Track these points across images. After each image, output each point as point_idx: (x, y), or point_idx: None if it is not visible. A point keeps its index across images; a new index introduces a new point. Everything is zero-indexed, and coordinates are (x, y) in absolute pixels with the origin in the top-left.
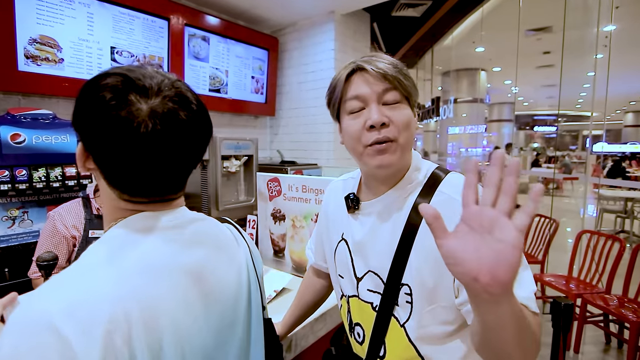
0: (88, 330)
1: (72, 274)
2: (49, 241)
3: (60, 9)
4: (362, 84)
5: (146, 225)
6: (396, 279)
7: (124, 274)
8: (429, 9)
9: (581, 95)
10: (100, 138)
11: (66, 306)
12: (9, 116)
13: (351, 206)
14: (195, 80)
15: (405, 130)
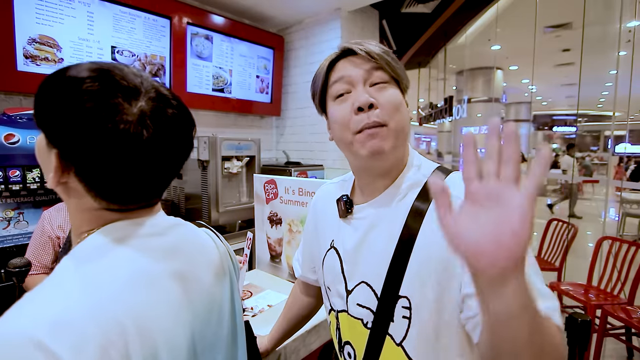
0: (80, 347)
1: (55, 288)
2: (36, 242)
3: (60, 8)
4: (348, 66)
5: (128, 234)
6: (392, 290)
7: (113, 286)
8: (440, 5)
9: (603, 94)
10: (85, 145)
11: (53, 323)
12: (5, 116)
13: (343, 209)
14: (198, 80)
15: (395, 112)
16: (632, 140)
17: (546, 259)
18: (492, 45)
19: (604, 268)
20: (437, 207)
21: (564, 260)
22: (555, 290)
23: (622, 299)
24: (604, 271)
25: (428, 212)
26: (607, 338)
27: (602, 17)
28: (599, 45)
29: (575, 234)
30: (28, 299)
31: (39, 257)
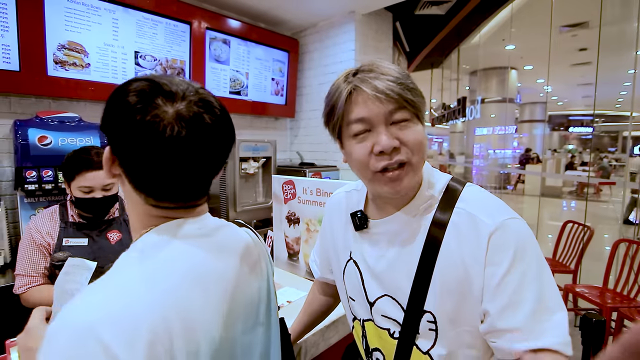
0: (131, 340)
1: (110, 283)
2: (28, 252)
3: (87, 15)
4: (363, 106)
5: (177, 234)
6: (417, 306)
7: (162, 284)
8: (454, 6)
9: (621, 94)
10: (126, 141)
11: (108, 316)
12: (37, 119)
13: (359, 224)
14: (216, 83)
15: (418, 149)
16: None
17: (561, 262)
18: (506, 45)
19: (620, 271)
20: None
21: (579, 263)
22: (570, 292)
23: (638, 302)
24: (620, 274)
25: (447, 230)
26: None
27: (620, 15)
28: (617, 45)
29: (591, 236)
30: (93, 291)
31: (36, 266)
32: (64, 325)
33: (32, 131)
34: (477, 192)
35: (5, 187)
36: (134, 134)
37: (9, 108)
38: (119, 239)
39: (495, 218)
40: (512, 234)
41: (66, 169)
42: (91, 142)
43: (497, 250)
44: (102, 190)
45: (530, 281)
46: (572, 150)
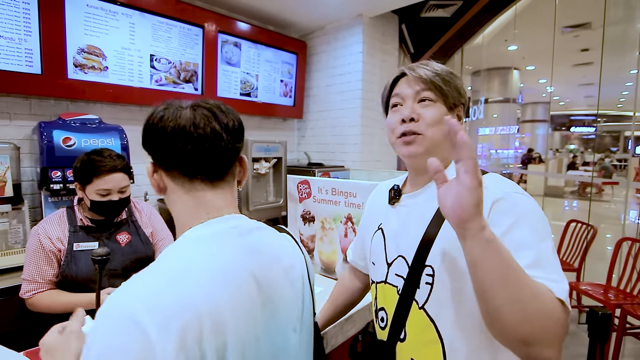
0: (165, 326)
1: (150, 273)
2: (36, 258)
3: (105, 20)
4: (404, 86)
5: (214, 232)
6: (420, 260)
7: (196, 277)
8: (460, 9)
9: (623, 94)
10: (171, 148)
11: (145, 303)
12: (60, 121)
13: (393, 197)
14: (227, 85)
15: (433, 125)
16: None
17: (565, 260)
18: (509, 46)
19: (624, 269)
20: (435, 181)
21: (582, 261)
22: (575, 290)
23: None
24: (623, 272)
25: None
26: (626, 337)
27: (623, 16)
28: (620, 45)
29: (594, 235)
30: (137, 279)
31: (43, 273)
32: (109, 309)
33: (57, 133)
34: (496, 176)
35: (26, 186)
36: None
37: (30, 110)
38: (129, 240)
39: (503, 189)
40: (515, 203)
41: (82, 172)
42: (112, 144)
43: (499, 214)
44: (119, 193)
45: (529, 245)
46: (574, 150)
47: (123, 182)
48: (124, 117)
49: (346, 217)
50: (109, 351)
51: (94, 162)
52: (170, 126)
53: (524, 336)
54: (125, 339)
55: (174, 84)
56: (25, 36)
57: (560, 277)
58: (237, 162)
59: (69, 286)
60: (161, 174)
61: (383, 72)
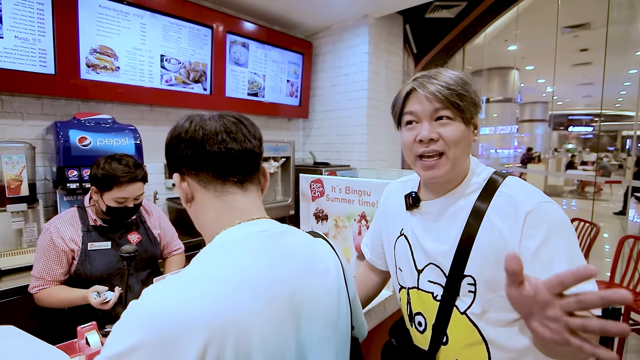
0: (188, 334)
1: (179, 278)
2: (46, 256)
3: (117, 20)
4: (416, 103)
5: (246, 234)
6: (459, 271)
7: (223, 287)
8: (464, 9)
9: (621, 93)
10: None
11: (171, 308)
12: (75, 120)
13: (411, 204)
14: (235, 85)
15: (454, 145)
16: None
17: None
18: (509, 46)
19: (627, 266)
20: (508, 280)
21: (586, 259)
22: None
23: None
24: (626, 269)
25: (489, 209)
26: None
27: (623, 17)
28: (619, 45)
29: (597, 234)
30: (165, 284)
31: (51, 271)
32: (136, 311)
33: (73, 132)
34: (518, 181)
35: (39, 186)
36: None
37: (42, 110)
38: (139, 240)
39: (533, 200)
40: (546, 214)
41: (103, 181)
42: (126, 143)
43: (533, 226)
44: (134, 200)
45: (562, 254)
46: (572, 150)
47: (140, 191)
48: (134, 117)
49: (360, 215)
50: (129, 353)
51: (116, 173)
52: (200, 134)
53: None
54: (150, 346)
55: (183, 84)
56: (39, 36)
57: (592, 287)
58: (259, 169)
59: (83, 283)
60: (189, 181)
61: (388, 72)
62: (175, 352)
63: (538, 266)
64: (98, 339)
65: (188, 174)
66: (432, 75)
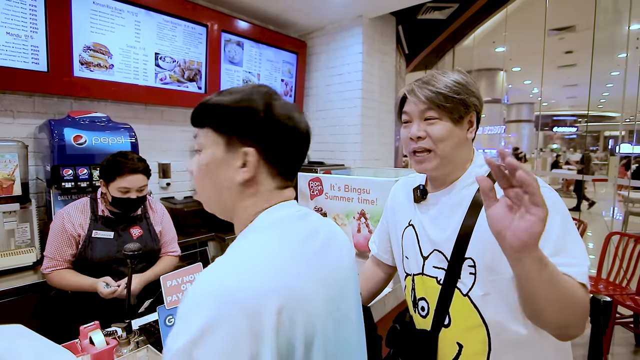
0: (265, 307)
1: (237, 255)
2: (58, 239)
3: (112, 17)
4: (410, 105)
5: (283, 215)
6: (460, 254)
7: (283, 259)
8: (455, 11)
9: (604, 95)
10: (280, 140)
11: (241, 283)
12: (69, 119)
13: (419, 196)
14: (230, 84)
15: (440, 141)
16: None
17: None
18: (496, 48)
19: (613, 262)
20: (484, 199)
21: None
22: None
23: (630, 290)
24: (612, 265)
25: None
26: (616, 326)
27: (606, 20)
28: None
29: (584, 230)
30: (224, 262)
31: (62, 253)
32: (206, 292)
33: (68, 130)
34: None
35: (31, 185)
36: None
37: (33, 108)
38: (140, 234)
39: None
40: (543, 196)
41: (107, 171)
42: (122, 141)
43: None
44: (137, 192)
45: (555, 226)
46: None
47: (141, 182)
48: (128, 115)
49: (359, 213)
50: (208, 332)
51: (119, 162)
52: (299, 129)
53: (560, 323)
54: (233, 322)
55: (178, 82)
56: (31, 33)
57: (580, 259)
58: None
59: (85, 266)
60: (261, 166)
61: (382, 72)
62: (257, 322)
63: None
64: (103, 338)
65: (264, 158)
66: (425, 81)
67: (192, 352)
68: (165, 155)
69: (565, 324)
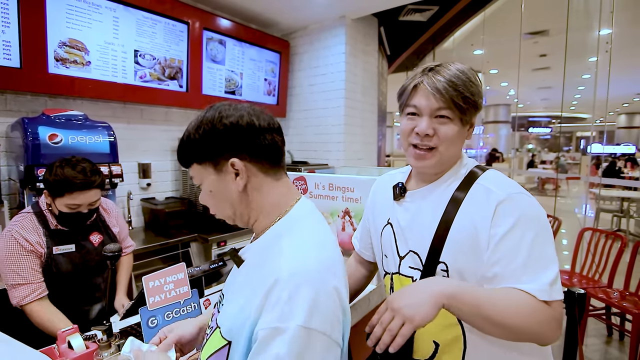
0: (338, 280)
1: (296, 244)
2: (19, 259)
3: (88, 13)
4: (422, 97)
5: (307, 210)
6: (434, 258)
7: (317, 245)
8: (435, 13)
9: (575, 97)
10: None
11: (318, 263)
12: (44, 117)
13: (398, 194)
14: (212, 83)
15: (447, 142)
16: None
17: None
18: (475, 50)
19: (585, 257)
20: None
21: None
22: None
23: (602, 283)
24: (585, 259)
25: (465, 199)
26: (589, 318)
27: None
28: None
29: (559, 226)
30: (293, 251)
31: (36, 273)
32: (304, 272)
33: (42, 129)
34: (496, 174)
35: (3, 186)
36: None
37: (5, 106)
38: (101, 240)
39: (506, 190)
40: (517, 204)
41: (54, 186)
42: (100, 140)
43: (502, 216)
44: (88, 206)
45: (524, 246)
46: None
47: (94, 198)
48: (106, 114)
49: (344, 212)
50: (317, 301)
51: (68, 179)
52: (258, 123)
53: (526, 340)
54: (330, 293)
55: (158, 80)
56: (3, 27)
57: (543, 274)
58: None
59: (50, 281)
60: (249, 167)
61: (364, 73)
62: (330, 283)
63: (500, 253)
64: (81, 342)
65: (249, 160)
66: (440, 70)
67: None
68: (145, 155)
69: (531, 339)
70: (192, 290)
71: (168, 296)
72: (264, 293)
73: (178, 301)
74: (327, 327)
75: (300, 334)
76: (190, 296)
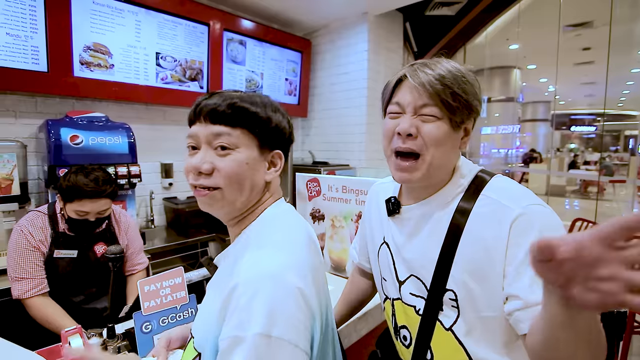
0: (305, 282)
1: (269, 245)
2: (24, 253)
3: (112, 17)
4: (405, 93)
5: (282, 210)
6: (440, 285)
7: (298, 244)
8: (464, 7)
9: (624, 93)
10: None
11: (284, 264)
12: (67, 119)
13: (391, 209)
14: (232, 83)
15: (434, 146)
16: None
17: None
18: (510, 45)
19: None
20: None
21: None
22: None
23: None
24: None
25: (470, 215)
26: (635, 336)
27: (626, 15)
28: (622, 45)
29: None
30: (263, 252)
31: (40, 269)
32: (263, 275)
33: (65, 130)
34: (504, 181)
35: (32, 185)
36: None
37: (35, 108)
38: (105, 252)
39: (520, 203)
40: (535, 218)
41: (66, 192)
42: (119, 141)
43: (520, 234)
44: (97, 214)
45: None
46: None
47: (104, 207)
48: (130, 115)
49: (357, 215)
50: (277, 306)
51: (78, 186)
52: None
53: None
54: (292, 294)
55: (179, 82)
56: (31, 33)
57: None
58: None
59: (49, 283)
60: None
61: (388, 71)
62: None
63: (526, 278)
64: (81, 343)
65: (281, 158)
66: (430, 64)
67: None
68: (167, 155)
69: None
70: (190, 296)
71: (164, 301)
72: (223, 300)
73: (174, 306)
74: (292, 334)
75: (260, 342)
76: (187, 301)
